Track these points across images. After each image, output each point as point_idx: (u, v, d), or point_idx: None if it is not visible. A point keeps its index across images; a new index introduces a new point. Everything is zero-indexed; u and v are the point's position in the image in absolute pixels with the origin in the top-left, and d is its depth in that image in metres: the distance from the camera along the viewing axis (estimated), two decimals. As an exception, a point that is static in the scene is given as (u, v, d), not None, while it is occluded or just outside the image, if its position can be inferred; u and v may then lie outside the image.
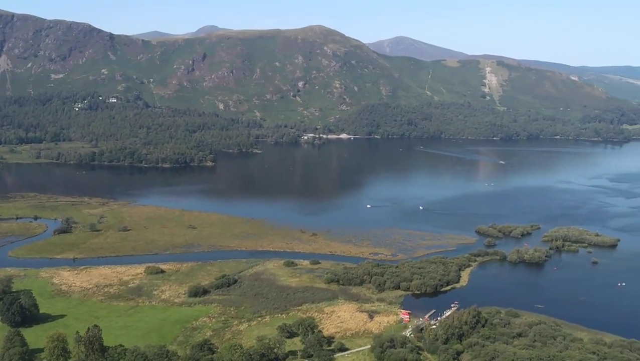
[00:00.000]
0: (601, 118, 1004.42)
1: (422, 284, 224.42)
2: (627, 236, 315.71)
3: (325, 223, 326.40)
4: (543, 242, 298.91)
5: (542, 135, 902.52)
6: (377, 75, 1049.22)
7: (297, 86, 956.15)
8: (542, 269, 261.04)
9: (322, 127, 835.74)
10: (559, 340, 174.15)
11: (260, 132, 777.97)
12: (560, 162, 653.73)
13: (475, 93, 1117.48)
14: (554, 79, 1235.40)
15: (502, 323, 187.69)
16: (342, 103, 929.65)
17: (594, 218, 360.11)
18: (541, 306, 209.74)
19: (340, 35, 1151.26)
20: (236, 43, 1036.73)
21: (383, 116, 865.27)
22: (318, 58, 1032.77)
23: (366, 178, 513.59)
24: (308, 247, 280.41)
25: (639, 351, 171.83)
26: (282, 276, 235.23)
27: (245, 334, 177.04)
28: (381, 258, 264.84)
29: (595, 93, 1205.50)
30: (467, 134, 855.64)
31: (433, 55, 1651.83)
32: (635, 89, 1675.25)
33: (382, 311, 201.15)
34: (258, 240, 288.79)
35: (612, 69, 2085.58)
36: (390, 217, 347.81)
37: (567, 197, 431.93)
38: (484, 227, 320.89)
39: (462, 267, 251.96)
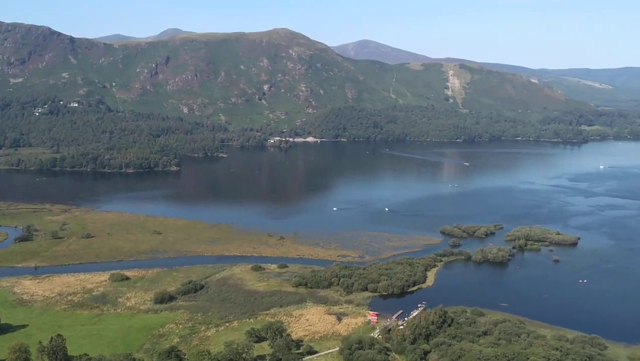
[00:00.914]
0: (560, 119, 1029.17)
1: (389, 285, 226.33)
2: (587, 234, 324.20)
3: (292, 226, 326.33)
4: (506, 241, 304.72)
5: (504, 136, 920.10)
6: (343, 78, 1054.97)
7: (263, 89, 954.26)
8: (505, 268, 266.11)
9: (288, 130, 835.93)
10: (523, 337, 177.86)
11: (225, 135, 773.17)
12: (521, 162, 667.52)
13: (439, 96, 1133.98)
14: (515, 81, 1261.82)
15: (468, 322, 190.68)
16: (308, 107, 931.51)
17: (555, 217, 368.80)
18: (505, 304, 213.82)
19: (305, 39, 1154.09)
20: (200, 46, 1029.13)
21: (349, 119, 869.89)
22: (283, 61, 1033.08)
23: (333, 181, 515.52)
24: (276, 251, 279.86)
25: (600, 346, 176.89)
26: (250, 280, 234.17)
27: (213, 340, 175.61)
28: (349, 260, 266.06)
29: (554, 96, 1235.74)
30: (432, 136, 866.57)
31: (397, 59, 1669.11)
32: (593, 90, 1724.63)
33: (350, 313, 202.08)
34: (225, 245, 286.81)
35: (570, 72, 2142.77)
36: (357, 219, 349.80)
37: (529, 196, 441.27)
38: (448, 228, 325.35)
39: (428, 267, 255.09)
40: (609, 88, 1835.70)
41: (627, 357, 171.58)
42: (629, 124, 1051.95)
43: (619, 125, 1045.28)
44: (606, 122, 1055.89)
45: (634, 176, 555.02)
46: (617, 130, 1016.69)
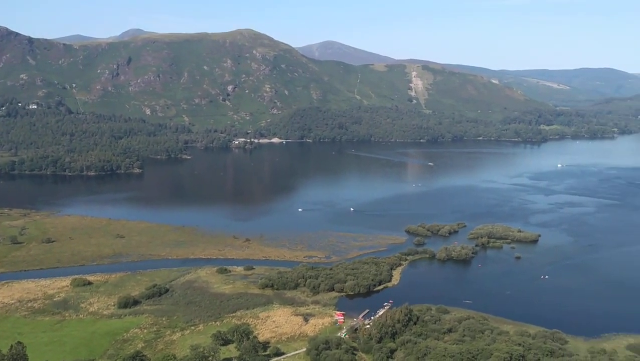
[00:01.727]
0: (520, 119, 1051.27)
1: (355, 285, 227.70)
2: (547, 231, 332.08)
3: (258, 228, 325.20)
4: (469, 239, 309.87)
5: (466, 136, 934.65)
6: (308, 79, 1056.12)
7: (227, 90, 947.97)
8: (469, 265, 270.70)
9: (253, 131, 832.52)
10: (486, 333, 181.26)
11: (189, 137, 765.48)
12: (483, 162, 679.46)
13: (403, 97, 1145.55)
14: (476, 82, 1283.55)
15: (433, 320, 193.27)
16: (273, 107, 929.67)
17: (516, 215, 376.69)
18: (469, 301, 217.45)
19: (269, 39, 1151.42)
20: (162, 47, 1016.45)
21: (314, 120, 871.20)
22: (247, 62, 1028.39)
23: (299, 182, 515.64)
24: (241, 253, 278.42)
25: (561, 341, 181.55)
26: (215, 283, 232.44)
27: (179, 344, 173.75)
28: (315, 261, 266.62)
29: (514, 96, 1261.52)
30: (396, 137, 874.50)
31: (361, 60, 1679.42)
32: (551, 91, 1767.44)
33: (317, 313, 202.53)
34: (190, 248, 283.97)
35: (529, 72, 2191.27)
36: (323, 220, 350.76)
37: (491, 195, 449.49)
38: (413, 227, 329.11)
39: (394, 266, 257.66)
40: (567, 88, 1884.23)
41: (586, 351, 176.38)
42: (585, 123, 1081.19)
43: (576, 124, 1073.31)
44: (564, 122, 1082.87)
45: (591, 174, 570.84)
46: (575, 129, 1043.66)
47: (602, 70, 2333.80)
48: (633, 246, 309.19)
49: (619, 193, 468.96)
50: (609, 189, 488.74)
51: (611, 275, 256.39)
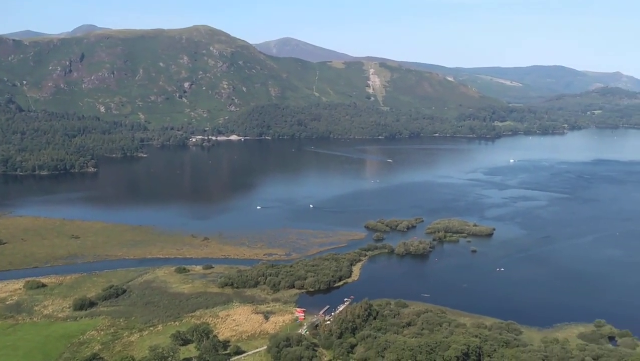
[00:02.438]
0: (475, 116, 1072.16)
1: (315, 281, 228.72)
2: (501, 225, 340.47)
3: (217, 226, 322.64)
4: (427, 233, 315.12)
5: (423, 133, 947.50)
6: (266, 75, 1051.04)
7: (183, 87, 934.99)
8: (426, 260, 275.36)
9: (210, 128, 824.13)
10: (444, 326, 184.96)
11: (145, 135, 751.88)
12: (440, 158, 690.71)
13: (361, 94, 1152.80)
14: (432, 79, 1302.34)
15: (392, 314, 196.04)
16: (231, 104, 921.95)
17: (471, 209, 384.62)
18: (427, 295, 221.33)
19: (226, 36, 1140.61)
20: (117, 43, 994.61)
21: (273, 117, 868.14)
22: (204, 58, 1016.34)
23: (257, 180, 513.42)
24: (200, 252, 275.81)
25: (516, 331, 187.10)
26: (174, 283, 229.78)
27: (137, 345, 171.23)
28: (275, 258, 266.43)
29: (469, 93, 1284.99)
30: (354, 134, 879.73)
31: (319, 57, 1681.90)
32: (505, 88, 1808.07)
33: (277, 311, 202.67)
34: (147, 248, 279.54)
35: (483, 70, 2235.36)
36: (283, 217, 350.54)
37: (447, 190, 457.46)
38: (372, 222, 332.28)
39: (354, 261, 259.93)
40: (519, 85, 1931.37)
41: (540, 340, 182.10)
42: (537, 120, 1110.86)
43: (528, 120, 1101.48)
44: (517, 118, 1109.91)
45: (542, 169, 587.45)
46: (527, 125, 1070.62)
47: (553, 67, 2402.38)
48: (583, 238, 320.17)
49: (570, 187, 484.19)
50: (560, 183, 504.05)
51: (563, 267, 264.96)
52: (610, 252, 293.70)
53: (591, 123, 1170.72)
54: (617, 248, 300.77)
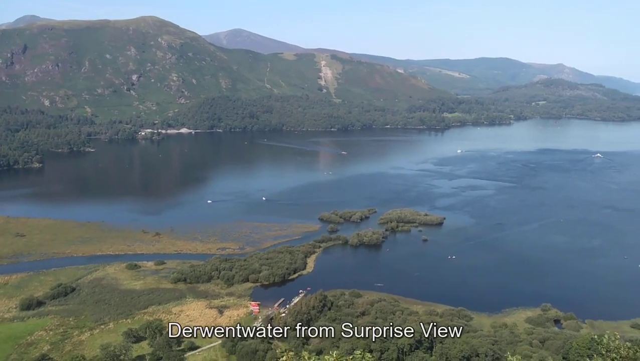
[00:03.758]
0: (425, 107, 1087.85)
1: (270, 274, 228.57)
2: (451, 214, 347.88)
3: (168, 221, 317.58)
4: (379, 224, 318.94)
5: (375, 125, 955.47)
6: (216, 67, 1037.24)
7: (131, 79, 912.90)
8: (380, 250, 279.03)
9: (160, 121, 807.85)
10: (397, 314, 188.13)
11: (92, 129, 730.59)
12: (391, 149, 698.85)
13: (313, 86, 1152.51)
14: (383, 71, 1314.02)
15: (346, 304, 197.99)
16: (181, 97, 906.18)
17: (422, 199, 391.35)
18: (381, 284, 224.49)
19: (175, 27, 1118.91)
20: (61, 34, 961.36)
21: (224, 109, 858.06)
22: (152, 50, 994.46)
23: (209, 173, 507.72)
24: (152, 248, 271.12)
25: (466, 317, 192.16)
26: (125, 280, 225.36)
27: (88, 344, 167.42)
28: (229, 252, 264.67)
29: (419, 85, 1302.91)
30: (307, 126, 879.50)
31: (270, 48, 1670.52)
32: (453, 80, 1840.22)
33: (231, 305, 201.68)
34: (96, 244, 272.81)
35: (433, 62, 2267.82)
36: (236, 211, 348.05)
37: (399, 181, 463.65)
38: (326, 214, 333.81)
39: (308, 253, 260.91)
40: (467, 77, 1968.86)
41: (490, 326, 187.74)
42: (485, 111, 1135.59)
43: (476, 112, 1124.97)
44: (465, 110, 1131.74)
45: (490, 158, 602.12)
46: (475, 116, 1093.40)
47: (499, 59, 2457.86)
48: (530, 225, 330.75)
49: (516, 176, 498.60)
50: (507, 172, 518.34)
51: (511, 254, 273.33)
52: (556, 238, 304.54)
53: (536, 114, 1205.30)
54: (561, 234, 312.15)
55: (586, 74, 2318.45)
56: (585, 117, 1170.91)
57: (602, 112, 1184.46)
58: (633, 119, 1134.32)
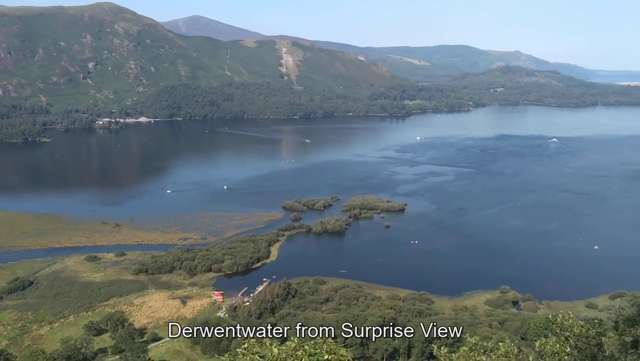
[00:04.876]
0: (386, 95, 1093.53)
1: (233, 264, 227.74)
2: (413, 200, 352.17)
3: (128, 212, 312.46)
4: (343, 211, 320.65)
5: (337, 112, 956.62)
6: (175, 55, 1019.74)
7: (88, 67, 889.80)
8: (343, 237, 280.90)
9: (118, 110, 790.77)
10: (361, 300, 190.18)
11: (48, 118, 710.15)
12: (354, 137, 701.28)
13: (274, 73, 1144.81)
14: (344, 58, 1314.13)
15: (310, 291, 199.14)
16: (139, 85, 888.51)
17: (385, 186, 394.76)
18: (344, 271, 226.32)
19: (132, 13, 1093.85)
20: (13, 21, 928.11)
21: (184, 97, 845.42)
22: (109, 37, 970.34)
23: (169, 163, 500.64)
24: (112, 239, 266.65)
25: (428, 301, 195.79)
26: (85, 272, 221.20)
27: (48, 338, 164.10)
28: (191, 242, 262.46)
29: (380, 72, 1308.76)
30: (269, 114, 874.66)
31: (230, 35, 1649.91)
32: (414, 67, 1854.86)
33: (194, 295, 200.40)
34: (54, 237, 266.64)
35: (393, 50, 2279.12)
36: (197, 200, 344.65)
37: (362, 168, 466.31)
38: (289, 202, 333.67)
39: (272, 242, 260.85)
40: (427, 65, 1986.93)
41: (450, 309, 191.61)
42: (445, 98, 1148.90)
43: (436, 99, 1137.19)
44: (425, 97, 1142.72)
45: (450, 145, 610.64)
46: (435, 103, 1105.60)
47: (458, 47, 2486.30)
48: (489, 209, 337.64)
49: (475, 162, 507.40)
50: (467, 158, 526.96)
51: (471, 238, 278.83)
52: (514, 222, 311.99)
53: (494, 101, 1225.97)
54: (520, 218, 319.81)
55: (542, 60, 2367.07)
56: (542, 103, 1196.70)
57: (557, 99, 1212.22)
58: (587, 105, 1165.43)
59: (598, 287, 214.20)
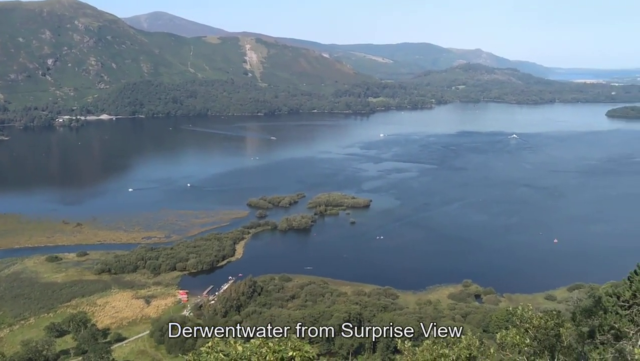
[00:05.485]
0: (350, 92, 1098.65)
1: (198, 262, 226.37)
2: (377, 196, 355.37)
3: (90, 211, 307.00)
4: (308, 208, 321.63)
5: (302, 109, 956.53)
6: (137, 51, 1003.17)
7: (47, 64, 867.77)
8: (309, 234, 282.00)
9: (79, 108, 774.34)
10: (327, 296, 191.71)
11: (5, 116, 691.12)
12: (319, 134, 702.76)
13: (238, 70, 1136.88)
14: (308, 56, 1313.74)
15: (276, 289, 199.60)
16: (100, 82, 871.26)
17: (350, 182, 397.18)
18: (310, 268, 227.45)
19: (92, 9, 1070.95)
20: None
21: (146, 94, 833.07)
22: (69, 33, 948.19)
23: (132, 161, 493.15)
24: (73, 239, 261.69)
25: (393, 296, 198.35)
26: (46, 272, 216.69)
27: (8, 340, 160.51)
28: (155, 241, 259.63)
29: (344, 70, 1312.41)
30: (233, 111, 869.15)
31: (193, 32, 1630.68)
32: (377, 64, 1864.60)
33: (159, 294, 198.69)
34: (14, 237, 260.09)
35: (357, 47, 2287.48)
36: (161, 199, 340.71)
37: (327, 165, 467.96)
38: (254, 200, 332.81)
39: (237, 240, 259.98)
40: (390, 62, 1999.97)
41: (415, 303, 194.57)
42: (408, 95, 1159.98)
43: (400, 96, 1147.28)
44: (389, 94, 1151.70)
45: (413, 142, 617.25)
46: (399, 100, 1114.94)
47: (421, 45, 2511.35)
48: (452, 205, 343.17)
49: (438, 158, 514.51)
50: (430, 155, 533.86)
51: (435, 233, 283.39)
52: (476, 217, 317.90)
53: (456, 98, 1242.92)
54: (481, 213, 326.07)
55: (502, 58, 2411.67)
56: (502, 100, 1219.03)
57: (517, 96, 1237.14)
58: (545, 102, 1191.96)
59: (557, 280, 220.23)
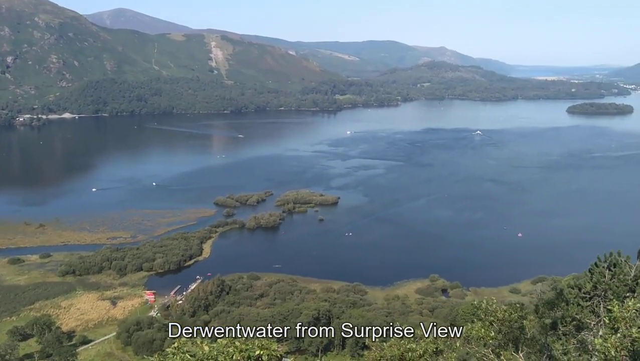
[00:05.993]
0: (317, 90, 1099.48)
1: (165, 262, 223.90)
2: (346, 193, 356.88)
3: (53, 212, 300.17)
4: (276, 206, 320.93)
5: (269, 107, 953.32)
6: (100, 49, 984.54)
7: (6, 62, 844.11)
8: (277, 232, 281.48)
9: (40, 106, 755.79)
10: (296, 294, 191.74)
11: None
12: (286, 131, 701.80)
13: (203, 67, 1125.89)
14: (275, 53, 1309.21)
15: (245, 287, 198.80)
16: (62, 80, 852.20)
17: (318, 180, 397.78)
18: (279, 266, 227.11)
19: (53, 5, 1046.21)
20: None
21: (110, 92, 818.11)
22: (29, 30, 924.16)
23: (95, 160, 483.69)
24: (36, 240, 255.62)
25: (361, 292, 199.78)
26: (7, 275, 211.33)
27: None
28: (120, 241, 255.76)
29: (311, 67, 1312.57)
30: (199, 109, 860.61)
31: (157, 29, 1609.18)
32: (343, 62, 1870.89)
33: (125, 295, 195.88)
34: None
35: (323, 44, 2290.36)
36: (126, 198, 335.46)
37: (295, 163, 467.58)
38: (222, 198, 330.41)
39: (204, 239, 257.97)
40: (356, 60, 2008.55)
41: (383, 298, 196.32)
42: (374, 93, 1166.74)
43: (366, 93, 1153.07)
44: (356, 92, 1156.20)
45: (380, 139, 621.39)
46: (365, 98, 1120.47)
47: (386, 42, 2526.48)
48: (419, 200, 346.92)
49: (405, 155, 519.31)
50: (396, 151, 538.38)
51: (402, 229, 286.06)
52: (442, 212, 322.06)
53: (421, 95, 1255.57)
54: (447, 208, 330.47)
55: (466, 56, 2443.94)
56: (466, 97, 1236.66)
57: (481, 93, 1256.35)
58: (508, 99, 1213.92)
59: (521, 273, 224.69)
